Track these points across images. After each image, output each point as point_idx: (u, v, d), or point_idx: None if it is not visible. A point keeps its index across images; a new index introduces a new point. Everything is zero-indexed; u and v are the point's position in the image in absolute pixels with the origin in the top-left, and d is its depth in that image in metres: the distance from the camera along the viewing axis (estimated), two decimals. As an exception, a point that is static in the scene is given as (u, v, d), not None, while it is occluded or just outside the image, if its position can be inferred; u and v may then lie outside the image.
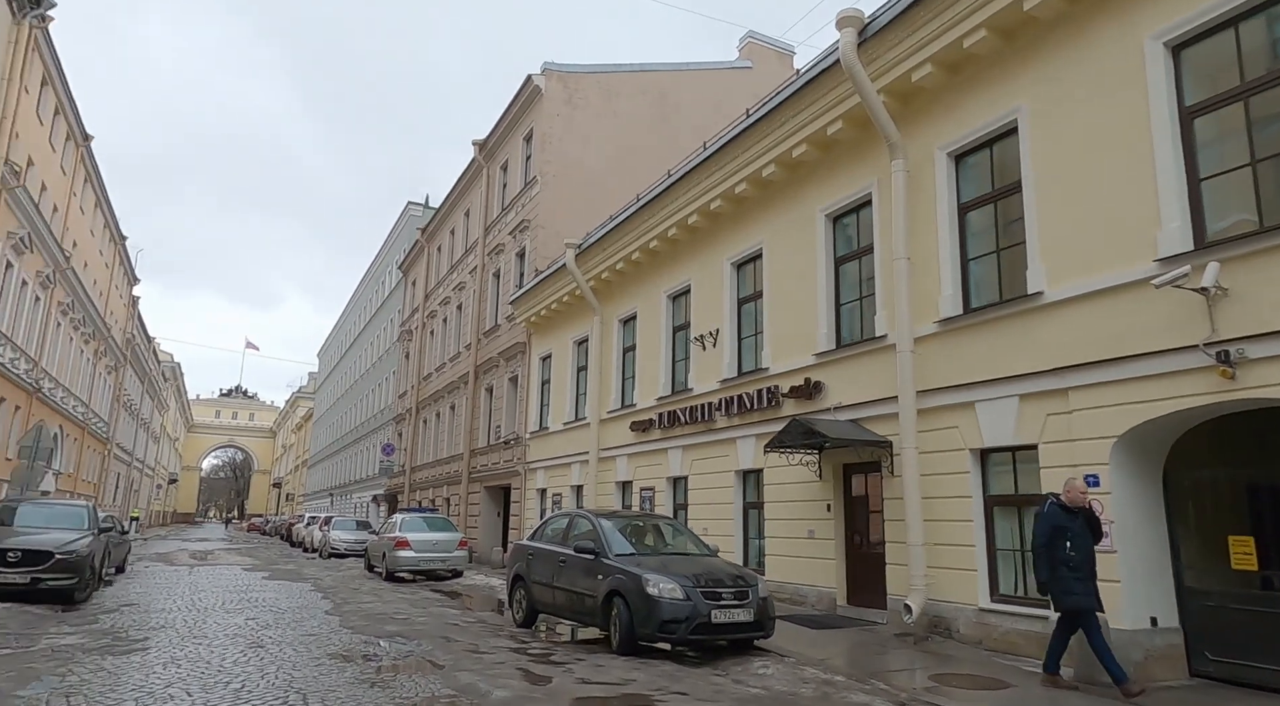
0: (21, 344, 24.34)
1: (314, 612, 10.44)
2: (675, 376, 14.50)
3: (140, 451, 55.34)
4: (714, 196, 12.71)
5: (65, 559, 10.63)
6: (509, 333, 22.72)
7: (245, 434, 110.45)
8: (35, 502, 12.68)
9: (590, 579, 7.80)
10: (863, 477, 10.00)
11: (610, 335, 16.84)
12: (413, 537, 15.24)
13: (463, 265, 28.37)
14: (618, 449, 15.85)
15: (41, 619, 9.38)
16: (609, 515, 9.00)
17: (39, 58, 22.93)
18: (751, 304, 12.58)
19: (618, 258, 15.83)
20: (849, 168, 10.44)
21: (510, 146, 24.45)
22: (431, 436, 30.12)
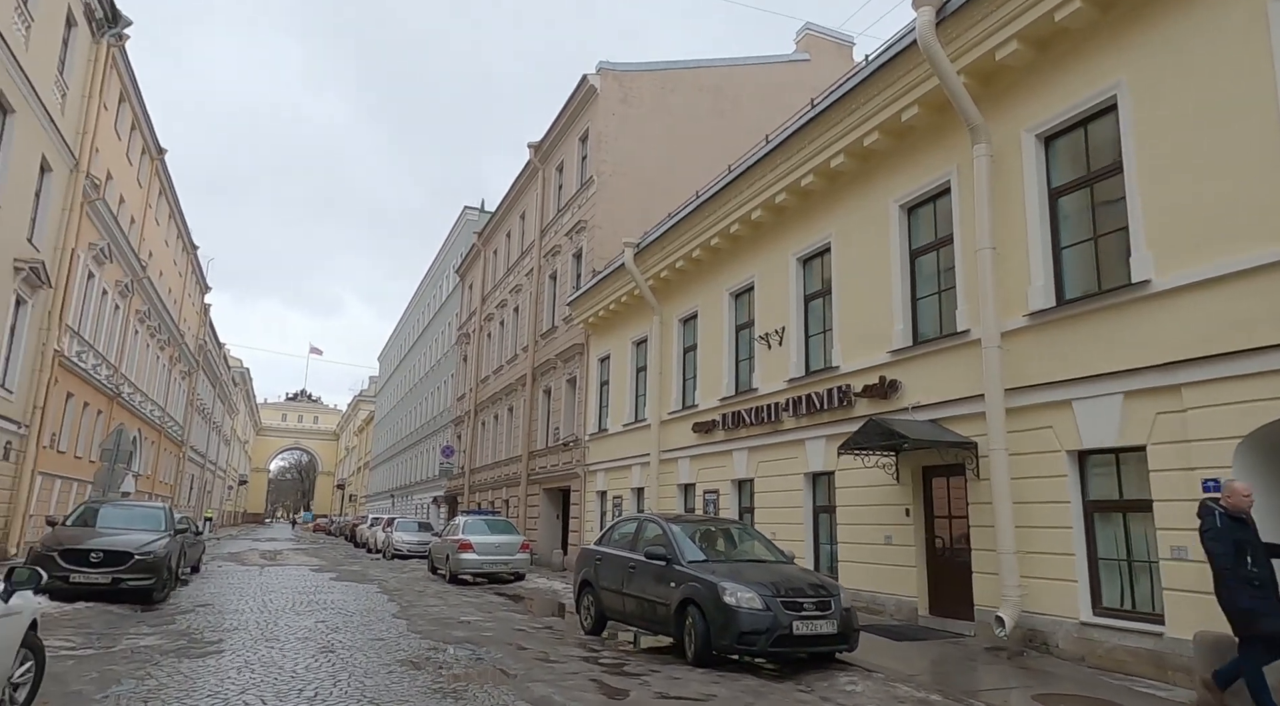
0: (103, 351, 25.38)
1: (381, 616, 10.43)
2: (739, 376, 14.13)
3: (213, 454, 57.46)
4: (779, 190, 12.31)
5: (144, 559, 10.87)
6: (566, 334, 22.65)
7: (310, 436, 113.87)
8: (116, 504, 13.05)
9: (662, 586, 7.52)
10: (944, 481, 9.47)
11: (670, 335, 16.56)
12: (475, 540, 15.24)
13: (519, 268, 28.49)
14: (679, 450, 15.55)
15: (122, 619, 9.58)
16: (679, 519, 8.70)
17: (116, 75, 23.88)
18: (819, 300, 12.13)
19: (677, 256, 15.54)
20: (925, 155, 9.93)
21: (566, 148, 24.41)
22: (490, 438, 30.33)
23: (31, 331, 18.91)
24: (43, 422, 19.62)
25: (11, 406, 18.19)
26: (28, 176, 17.85)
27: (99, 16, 20.83)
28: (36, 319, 19.14)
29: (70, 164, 20.42)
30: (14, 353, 18.24)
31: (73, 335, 21.87)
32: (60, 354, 20.37)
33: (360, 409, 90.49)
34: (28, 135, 17.41)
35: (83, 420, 23.94)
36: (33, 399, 19.12)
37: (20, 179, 17.33)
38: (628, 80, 22.50)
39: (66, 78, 19.68)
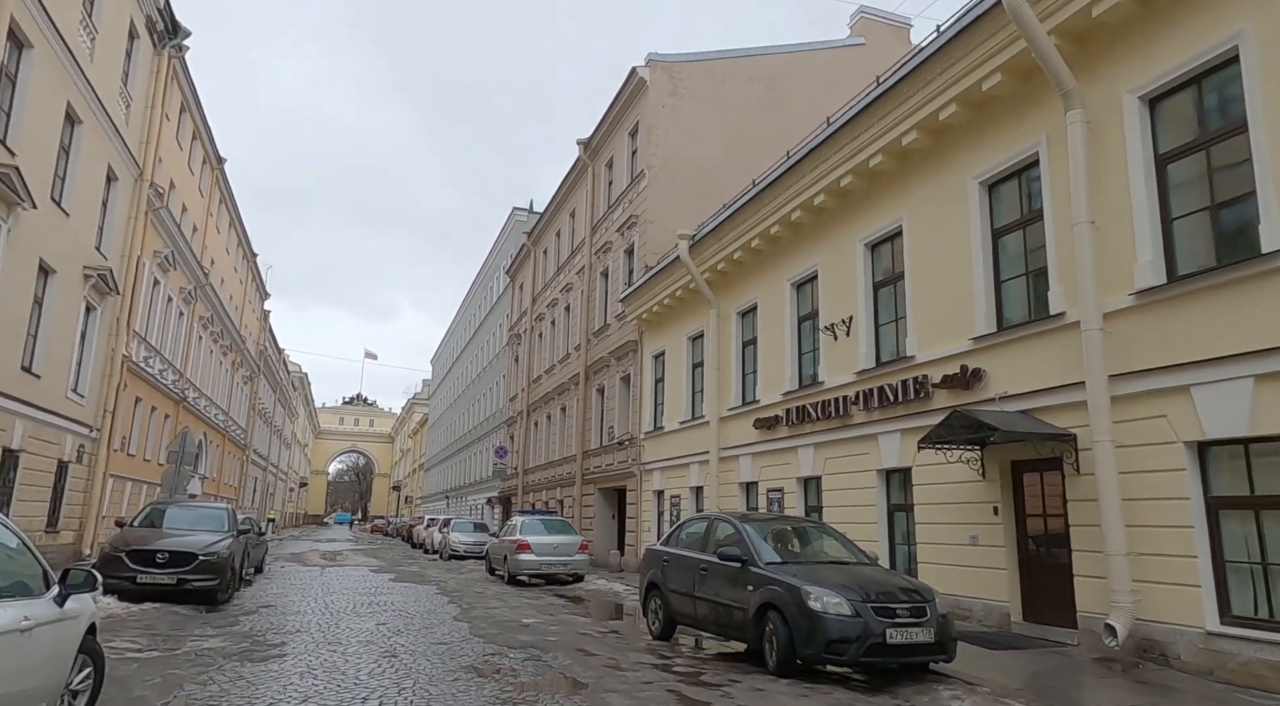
0: (168, 356, 26.05)
1: (442, 618, 10.20)
2: (802, 369, 13.55)
3: (274, 457, 58.99)
4: (843, 173, 11.70)
5: (208, 560, 10.87)
6: (619, 331, 22.32)
7: (366, 439, 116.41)
8: (181, 505, 13.17)
9: (737, 589, 7.05)
10: (1036, 476, 8.77)
11: (728, 329, 16.05)
12: (534, 540, 14.98)
13: (569, 266, 28.30)
14: (740, 448, 15.03)
15: (187, 620, 9.54)
16: (751, 518, 8.20)
17: (177, 86, 24.46)
18: (890, 287, 11.49)
19: (735, 247, 15.03)
20: (1008, 127, 9.24)
21: (615, 143, 24.09)
22: (543, 438, 30.22)
23: (101, 337, 19.41)
24: (113, 426, 20.13)
25: (83, 411, 18.68)
26: (95, 186, 18.31)
27: (160, 28, 21.32)
28: (106, 325, 19.64)
29: (135, 173, 20.93)
30: (85, 358, 18.72)
31: (140, 341, 22.44)
32: (128, 359, 20.89)
33: (414, 412, 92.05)
34: (95, 146, 17.85)
35: (150, 424, 24.59)
36: (103, 403, 19.63)
37: (88, 188, 17.77)
38: (677, 71, 22.06)
39: (130, 89, 20.16)
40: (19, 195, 13.77)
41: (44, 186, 15.30)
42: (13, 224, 14.04)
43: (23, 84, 14.25)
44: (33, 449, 15.89)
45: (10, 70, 13.96)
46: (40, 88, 14.77)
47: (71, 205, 16.73)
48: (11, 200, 13.71)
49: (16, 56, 14.19)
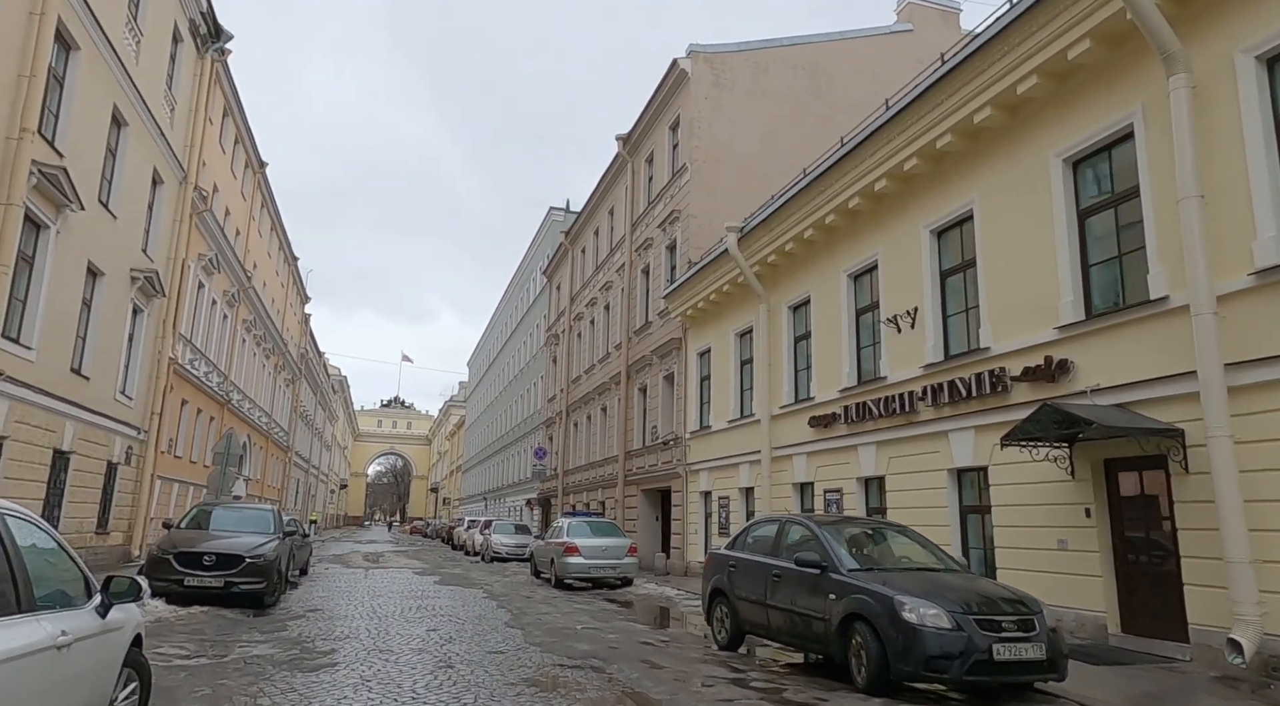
0: (213, 358, 26.26)
1: (494, 624, 9.81)
2: (861, 364, 12.93)
3: (316, 459, 59.69)
4: (907, 155, 11.08)
5: (254, 563, 10.64)
6: (662, 329, 21.85)
7: (404, 442, 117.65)
8: (228, 506, 13.02)
9: (817, 598, 6.51)
10: (1134, 475, 8.08)
11: (778, 323, 15.47)
12: (581, 543, 14.57)
13: (609, 264, 27.91)
14: (794, 447, 14.44)
15: (235, 624, 9.29)
16: (828, 521, 7.63)
17: (220, 90, 24.64)
18: (959, 275, 10.83)
19: (786, 238, 14.45)
20: (1095, 98, 8.56)
21: (655, 137, 23.64)
22: (583, 439, 29.87)
23: (148, 340, 19.52)
24: (160, 428, 20.24)
25: (131, 412, 18.77)
26: (141, 188, 18.39)
27: (203, 32, 21.43)
28: (152, 328, 19.75)
29: (179, 177, 21.05)
30: (133, 360, 18.82)
31: (185, 343, 22.58)
32: (174, 362, 21.01)
33: (451, 414, 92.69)
34: (140, 148, 17.92)
35: (196, 426, 24.78)
36: (150, 405, 19.73)
37: (134, 191, 17.85)
38: (719, 62, 21.53)
39: (174, 92, 20.26)
40: (67, 197, 13.77)
41: (92, 188, 15.34)
42: (61, 225, 14.06)
43: (70, 86, 14.28)
44: (83, 450, 15.94)
45: (58, 72, 14.00)
46: (87, 90, 14.80)
47: (118, 207, 16.79)
48: (60, 201, 13.73)
49: (64, 59, 14.22)
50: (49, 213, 13.59)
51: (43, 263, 13.67)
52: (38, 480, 14.07)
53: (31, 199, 12.91)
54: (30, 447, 13.67)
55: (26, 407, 13.36)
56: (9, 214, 11.87)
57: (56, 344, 14.39)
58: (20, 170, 12.01)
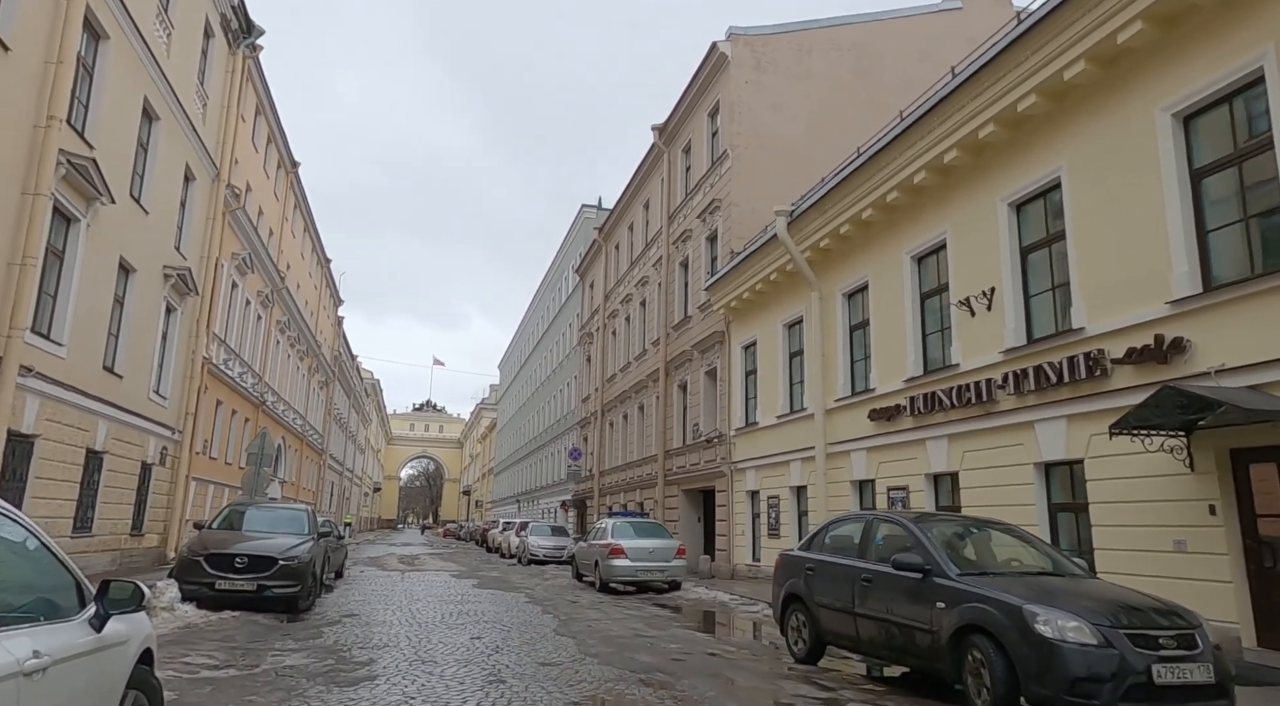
0: (247, 359, 26.04)
1: (541, 631, 9.11)
2: (928, 351, 12.01)
3: (349, 462, 59.82)
4: (982, 122, 10.17)
5: (288, 565, 10.08)
6: (702, 323, 21.05)
7: (436, 445, 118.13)
8: (261, 506, 12.53)
9: (919, 606, 5.67)
10: (1270, 468, 7.10)
11: (832, 312, 14.59)
12: (627, 545, 13.81)
13: (644, 259, 27.19)
14: (852, 442, 13.55)
15: (267, 630, 8.71)
16: (927, 518, 6.68)
17: (252, 88, 24.41)
18: (1043, 251, 9.88)
19: (841, 220, 13.58)
20: (1211, 43, 7.60)
21: (693, 125, 22.87)
22: (620, 439, 29.16)
23: (181, 339, 19.22)
24: (194, 429, 19.95)
25: (166, 412, 18.47)
26: (173, 184, 18.10)
27: (234, 27, 21.16)
28: (186, 327, 19.46)
29: (212, 174, 20.78)
30: (166, 360, 18.53)
31: (219, 343, 22.32)
32: (208, 361, 20.72)
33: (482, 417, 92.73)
34: (172, 143, 17.62)
35: (231, 427, 24.55)
36: (184, 405, 19.43)
37: (167, 187, 17.55)
38: (760, 45, 20.71)
39: (206, 88, 20.00)
40: (98, 189, 13.41)
41: (123, 182, 15.01)
42: (92, 218, 13.70)
43: (100, 76, 13.95)
44: (116, 450, 15.61)
45: (87, 62, 13.66)
46: (117, 81, 14.46)
47: (150, 203, 16.47)
48: (90, 194, 13.36)
49: (94, 48, 13.89)
50: (79, 205, 13.23)
51: (73, 257, 13.32)
52: (70, 480, 13.72)
53: (61, 190, 12.55)
54: (62, 447, 13.32)
55: (57, 406, 13.01)
56: (37, 204, 11.49)
57: (88, 341, 14.04)
58: (48, 159, 11.63)
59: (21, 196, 11.45)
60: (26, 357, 11.72)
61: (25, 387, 11.88)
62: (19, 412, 11.82)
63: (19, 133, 11.34)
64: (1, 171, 11.01)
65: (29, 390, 12.02)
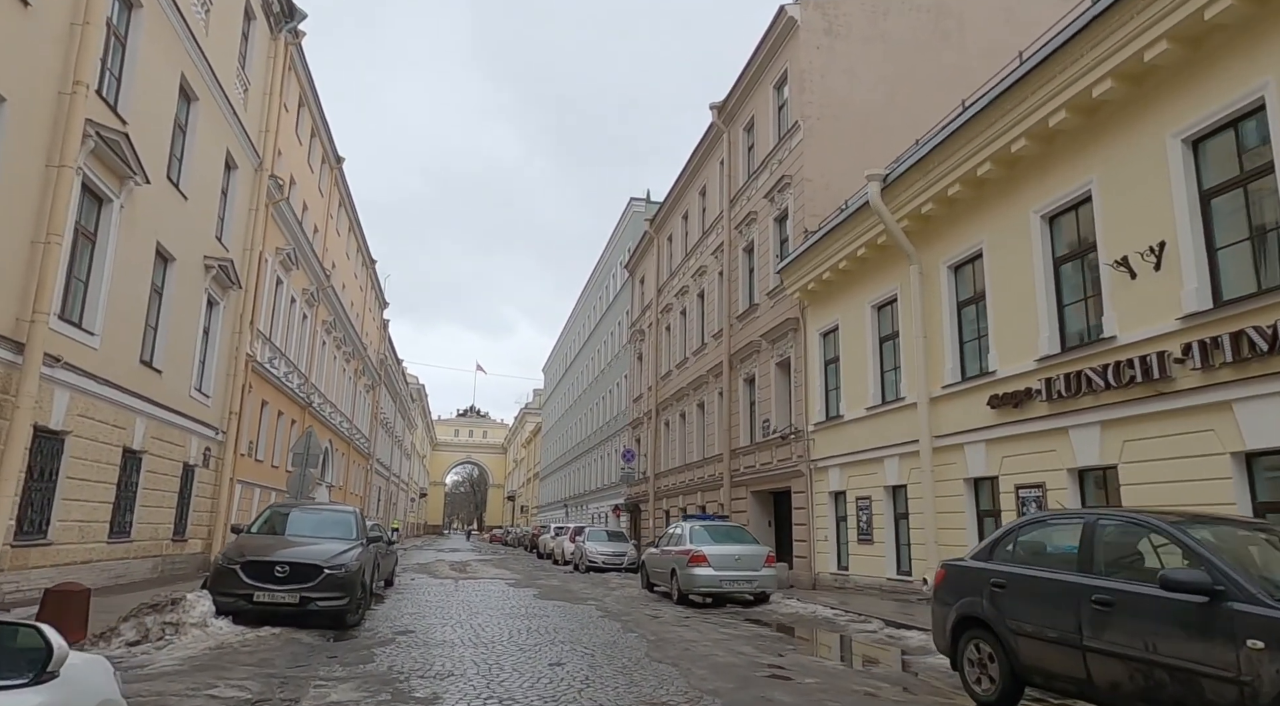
0: (293, 359, 25.19)
1: (632, 656, 7.62)
2: (1066, 324, 10.25)
3: (396, 467, 59.32)
4: (1149, 41, 8.43)
5: (334, 574, 8.80)
6: (772, 311, 19.44)
7: (480, 450, 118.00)
8: (304, 508, 11.33)
9: (1211, 645, 3.94)
10: None
11: (935, 287, 12.88)
12: (709, 552, 12.25)
13: (701, 248, 25.67)
14: (965, 434, 11.82)
15: (311, 652, 7.41)
16: (1199, 520, 4.90)
17: (295, 77, 23.59)
18: (1233, 194, 8.10)
19: (950, 179, 11.88)
20: None
21: (757, 99, 21.31)
22: (677, 439, 27.62)
23: (224, 334, 18.31)
24: (239, 429, 19.03)
25: (209, 412, 17.54)
26: (214, 171, 17.20)
27: (276, 10, 20.31)
28: (229, 322, 18.56)
29: (255, 163, 19.91)
30: (209, 356, 17.61)
31: (264, 341, 21.44)
32: (252, 358, 19.81)
33: (526, 421, 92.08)
34: (212, 127, 16.71)
35: (277, 429, 23.69)
36: (228, 404, 18.52)
37: (206, 173, 16.63)
38: (831, 7, 19.08)
39: (248, 73, 19.13)
40: (131, 167, 12.41)
41: (159, 163, 14.05)
42: (125, 199, 12.72)
43: (132, 47, 12.98)
44: (156, 450, 14.64)
45: (119, 31, 12.71)
46: (151, 54, 13.50)
47: (190, 188, 15.54)
48: (123, 172, 12.38)
49: (125, 17, 12.94)
50: (111, 184, 12.25)
51: (105, 240, 12.34)
52: (105, 481, 12.73)
53: (90, 166, 11.56)
54: (96, 445, 12.32)
55: (90, 400, 12.01)
56: (62, 177, 10.47)
57: (123, 332, 13.06)
58: (74, 129, 10.61)
59: (46, 169, 10.45)
60: (53, 346, 10.71)
61: (53, 379, 10.87)
62: (46, 406, 10.81)
63: (42, 99, 10.34)
64: (22, 140, 10.00)
65: (57, 382, 11.01)
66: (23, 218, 10.12)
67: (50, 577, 11.32)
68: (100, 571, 12.91)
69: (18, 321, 10.02)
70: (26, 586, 10.42)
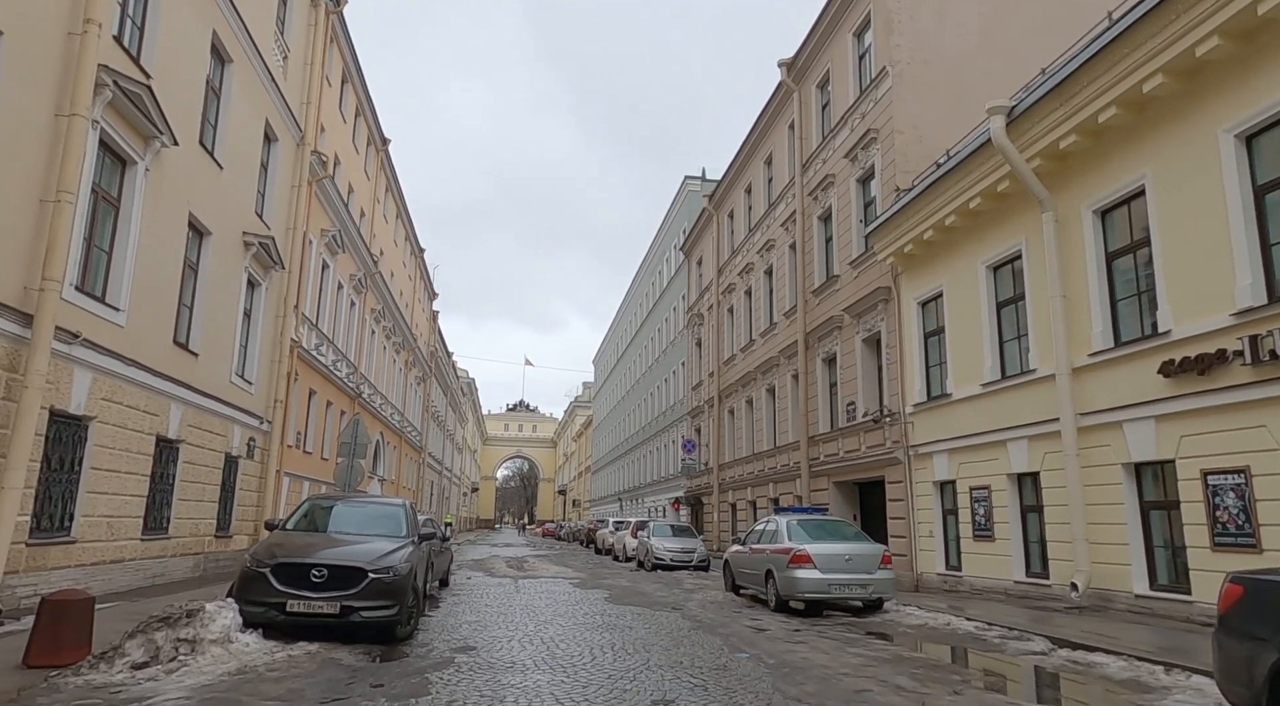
0: (341, 347, 24.15)
1: (756, 687, 5.94)
2: (1276, 270, 8.17)
3: (448, 461, 58.68)
4: None
5: (381, 579, 7.32)
6: (855, 282, 17.49)
7: (530, 445, 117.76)
8: (348, 500, 9.92)
9: None
10: None
11: (1075, 236, 10.84)
12: (814, 551, 10.44)
13: (768, 221, 23.76)
14: (1126, 409, 9.79)
15: (351, 678, 5.92)
16: None
17: (337, 51, 22.45)
18: None
19: (1102, 102, 9.83)
20: None
21: (833, 50, 19.32)
22: (743, 427, 25.80)
23: (267, 318, 17.19)
24: (285, 419, 17.93)
25: (252, 399, 16.42)
26: (252, 141, 16.01)
27: (314, -27, 19.13)
28: (271, 304, 17.43)
29: (296, 137, 18.76)
30: (250, 340, 16.49)
31: (310, 327, 20.35)
32: (297, 344, 18.70)
33: (576, 415, 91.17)
34: (248, 93, 15.51)
35: (326, 420, 22.65)
36: (273, 391, 17.40)
37: (244, 142, 15.45)
38: (918, -60, 16.97)
39: (286, 39, 17.96)
40: (156, 126, 11.16)
41: (189, 127, 12.84)
42: (152, 162, 11.49)
43: (155, -5, 11.78)
44: (194, 440, 13.49)
45: (138, -29, 11.49)
46: (178, 5, 12.27)
47: (226, 157, 14.34)
48: (147, 131, 11.14)
49: (146, -43, 11.73)
50: (135, 144, 11.02)
51: (130, 206, 11.11)
52: (137, 473, 11.56)
53: (109, 119, 10.32)
54: (125, 432, 11.13)
55: (116, 382, 10.81)
56: (73, 127, 9.21)
57: (153, 309, 11.86)
58: (85, 73, 9.33)
59: (55, 118, 9.19)
60: (69, 319, 9.49)
61: (70, 357, 9.66)
62: (64, 388, 9.61)
63: (49, 37, 9.07)
64: (25, 82, 8.75)
65: (76, 361, 9.80)
66: (28, 172, 8.89)
67: (75, 579, 10.16)
68: (134, 571, 11.78)
69: (25, 290, 8.80)
70: (47, 589, 9.22)
